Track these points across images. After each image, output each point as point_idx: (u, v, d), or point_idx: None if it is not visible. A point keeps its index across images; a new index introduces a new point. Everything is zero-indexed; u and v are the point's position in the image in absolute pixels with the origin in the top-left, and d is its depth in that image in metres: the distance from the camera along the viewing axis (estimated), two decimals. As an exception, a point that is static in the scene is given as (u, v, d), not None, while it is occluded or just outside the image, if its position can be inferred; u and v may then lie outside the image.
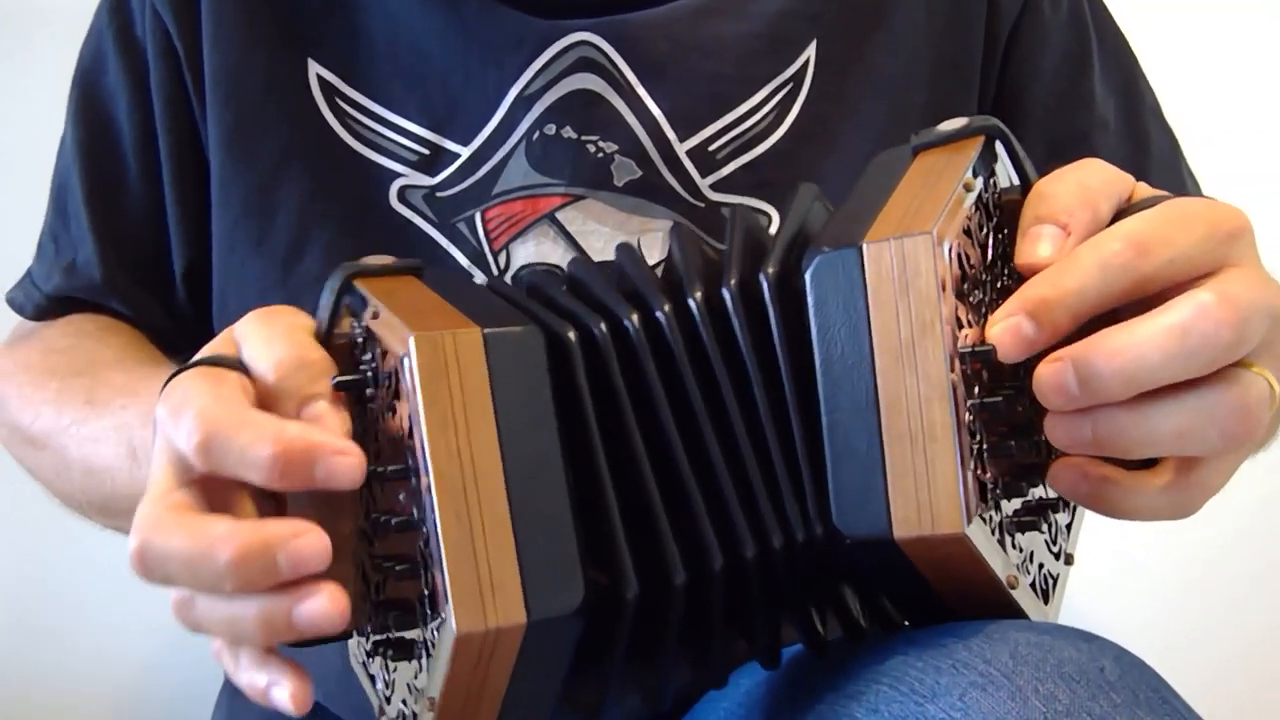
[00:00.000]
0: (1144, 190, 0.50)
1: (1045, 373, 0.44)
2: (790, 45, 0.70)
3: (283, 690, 0.45)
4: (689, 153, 0.69)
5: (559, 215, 0.69)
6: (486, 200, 0.69)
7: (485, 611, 0.42)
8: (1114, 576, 1.14)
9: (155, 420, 0.47)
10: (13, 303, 0.80)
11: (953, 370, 0.44)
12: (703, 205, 0.69)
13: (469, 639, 0.42)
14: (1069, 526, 0.53)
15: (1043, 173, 0.49)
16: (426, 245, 0.69)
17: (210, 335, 0.51)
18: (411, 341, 0.42)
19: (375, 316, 0.46)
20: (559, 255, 0.69)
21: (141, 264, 0.75)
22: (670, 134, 0.69)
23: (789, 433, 0.48)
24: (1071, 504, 0.53)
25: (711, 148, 0.69)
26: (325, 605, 0.42)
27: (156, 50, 0.72)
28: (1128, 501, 0.47)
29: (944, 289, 0.44)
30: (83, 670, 1.21)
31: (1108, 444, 0.45)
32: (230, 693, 0.79)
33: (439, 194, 0.69)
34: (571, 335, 0.46)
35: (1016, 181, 0.51)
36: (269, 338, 0.47)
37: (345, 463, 0.43)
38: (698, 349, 0.49)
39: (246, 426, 0.43)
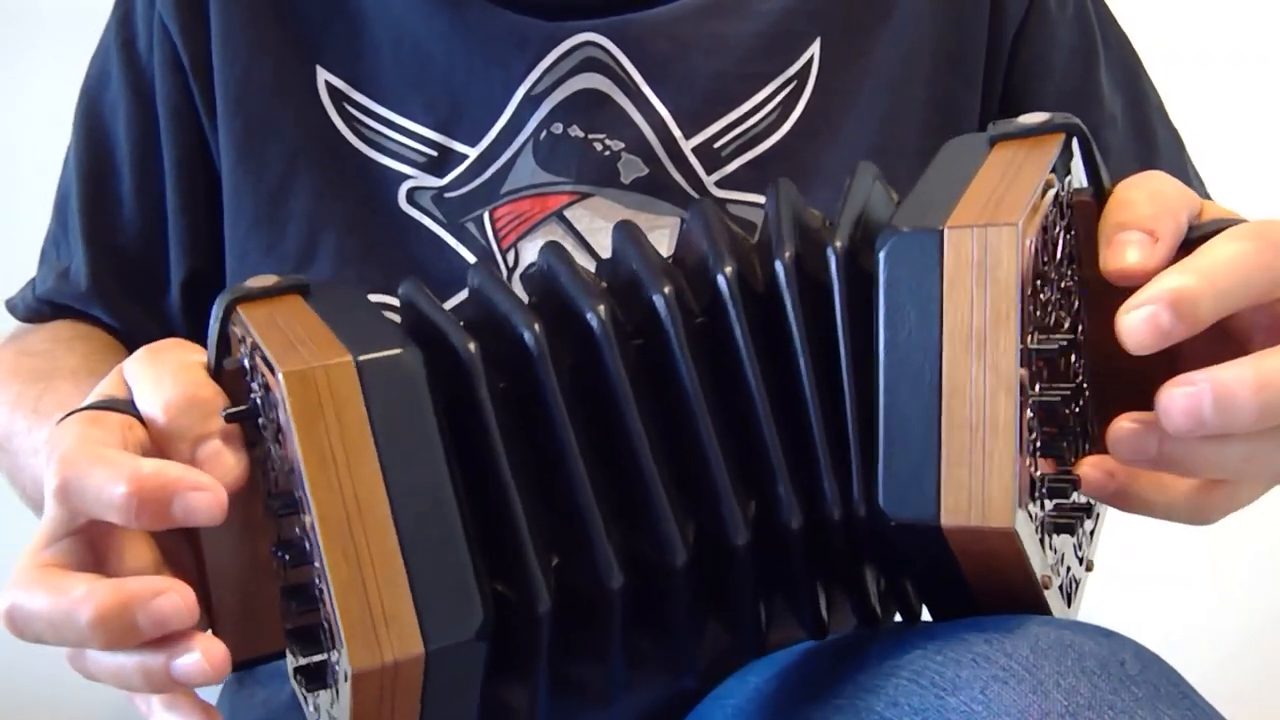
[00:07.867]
0: (1213, 209, 0.49)
1: (1177, 395, 0.41)
2: (794, 42, 0.70)
3: None
4: (694, 150, 0.69)
5: (567, 213, 0.69)
6: (495, 199, 0.69)
7: (380, 646, 0.41)
8: (1126, 573, 1.15)
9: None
10: (9, 303, 0.81)
11: (1022, 365, 0.43)
12: None
13: (365, 675, 0.41)
14: (1092, 533, 0.53)
15: None
16: (435, 246, 0.70)
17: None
18: (281, 379, 0.41)
19: (254, 347, 0.44)
20: None
21: (133, 275, 0.76)
22: (676, 131, 0.69)
23: (840, 413, 0.48)
24: (1096, 512, 0.53)
25: (716, 145, 0.70)
26: (199, 662, 0.41)
27: (163, 63, 0.72)
28: (1149, 502, 0.47)
29: (1023, 282, 0.43)
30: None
31: (1174, 464, 0.44)
32: (231, 693, 0.79)
33: (447, 194, 0.70)
34: (472, 348, 0.45)
35: (1085, 182, 0.50)
36: (157, 379, 0.46)
37: (202, 499, 0.42)
38: (718, 327, 0.48)
39: (99, 466, 0.42)
